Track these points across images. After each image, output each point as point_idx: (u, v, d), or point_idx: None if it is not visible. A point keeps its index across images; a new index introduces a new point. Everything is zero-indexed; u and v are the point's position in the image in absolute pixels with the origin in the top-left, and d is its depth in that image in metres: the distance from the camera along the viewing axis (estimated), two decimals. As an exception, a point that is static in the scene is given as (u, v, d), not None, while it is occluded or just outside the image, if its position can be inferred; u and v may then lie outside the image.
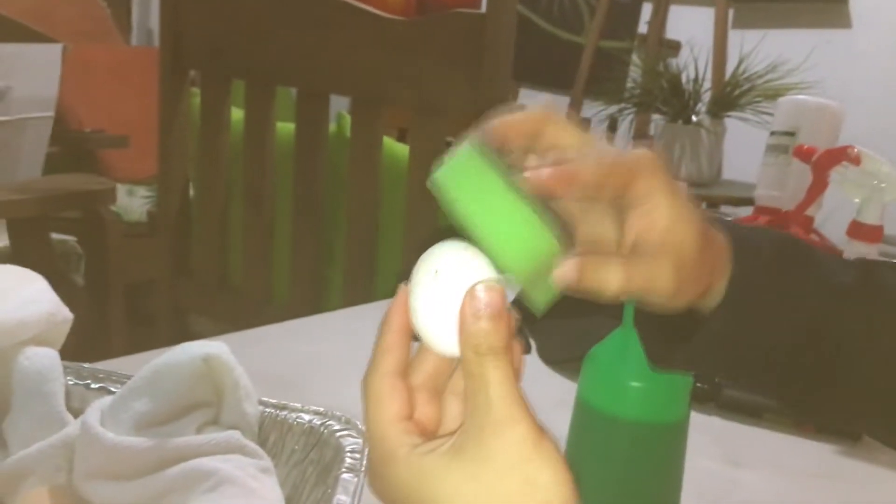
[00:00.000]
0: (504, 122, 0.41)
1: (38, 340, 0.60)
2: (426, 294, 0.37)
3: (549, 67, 3.34)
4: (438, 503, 0.36)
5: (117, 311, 1.80)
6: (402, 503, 0.37)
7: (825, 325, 0.46)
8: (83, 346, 0.74)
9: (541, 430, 0.36)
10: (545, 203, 0.39)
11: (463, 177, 0.38)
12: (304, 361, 0.86)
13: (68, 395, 0.59)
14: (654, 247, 0.41)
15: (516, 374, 0.37)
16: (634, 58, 2.62)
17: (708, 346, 0.46)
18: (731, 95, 2.21)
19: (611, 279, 0.39)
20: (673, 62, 2.36)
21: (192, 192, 1.66)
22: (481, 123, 0.41)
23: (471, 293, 0.36)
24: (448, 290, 0.37)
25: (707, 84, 2.31)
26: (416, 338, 0.39)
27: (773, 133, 1.12)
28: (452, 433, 0.38)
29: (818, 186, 0.94)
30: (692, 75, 2.24)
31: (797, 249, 0.48)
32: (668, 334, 0.46)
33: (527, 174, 0.38)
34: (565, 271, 0.39)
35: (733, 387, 0.86)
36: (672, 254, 0.41)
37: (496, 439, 0.35)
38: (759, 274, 0.46)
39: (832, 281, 0.47)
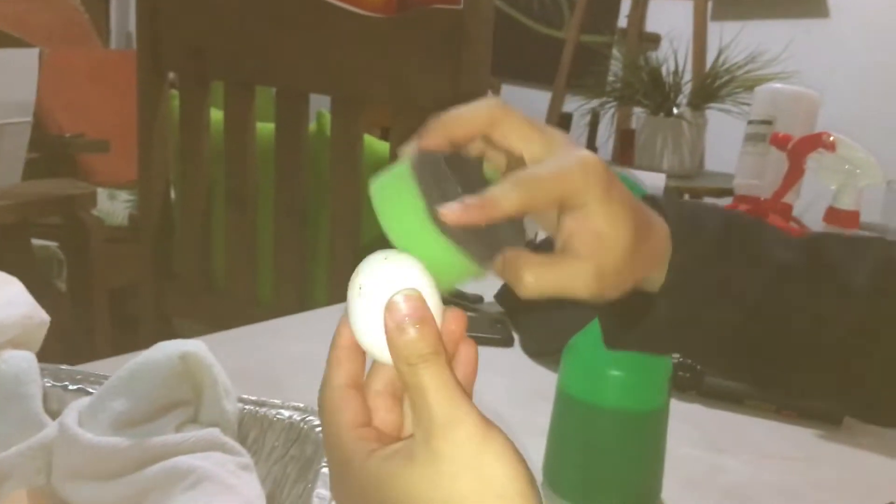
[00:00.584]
0: (447, 125, 0.42)
1: (16, 343, 0.60)
2: (355, 310, 0.38)
3: (531, 62, 3.34)
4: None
5: (101, 315, 1.80)
6: None
7: (767, 304, 0.47)
8: (67, 351, 0.74)
9: (487, 425, 0.36)
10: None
11: (390, 195, 0.39)
12: (285, 360, 0.86)
13: (46, 396, 0.59)
14: (578, 251, 0.42)
15: (472, 363, 0.39)
16: (615, 52, 2.63)
17: (656, 329, 0.47)
18: (711, 87, 2.23)
19: (524, 279, 0.41)
20: (653, 55, 2.37)
21: (173, 195, 1.65)
22: (425, 127, 0.41)
23: (389, 307, 0.36)
24: (372, 304, 0.37)
25: (687, 76, 2.32)
26: None
27: (750, 122, 1.13)
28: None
29: (795, 173, 0.95)
30: (672, 68, 2.25)
31: (741, 229, 0.48)
32: (620, 316, 0.47)
33: (442, 211, 0.38)
34: (493, 265, 0.41)
35: (714, 374, 0.87)
36: (595, 258, 0.42)
37: (443, 443, 0.35)
38: (699, 258, 0.46)
39: (774, 259, 0.47)
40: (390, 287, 0.37)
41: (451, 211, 0.38)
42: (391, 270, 0.38)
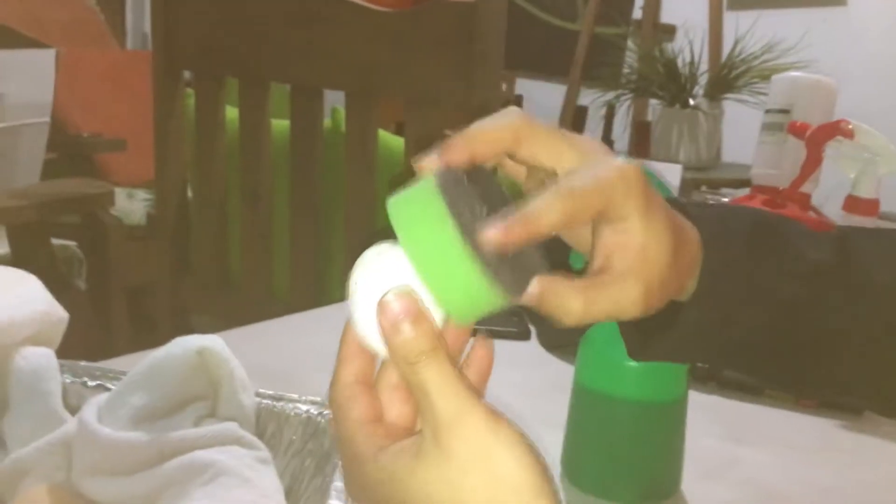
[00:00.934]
0: (470, 140, 0.39)
1: (34, 340, 0.60)
2: (354, 307, 0.37)
3: (545, 55, 3.33)
4: (411, 500, 0.36)
5: (120, 313, 1.81)
6: (380, 503, 0.37)
7: (801, 307, 0.46)
8: (87, 348, 0.74)
9: (495, 417, 0.35)
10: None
11: (413, 214, 0.36)
12: (302, 355, 0.86)
13: (65, 393, 0.59)
14: (623, 270, 0.40)
15: (488, 356, 0.38)
16: (630, 43, 2.61)
17: (684, 337, 0.46)
18: (727, 77, 2.20)
19: (571, 307, 0.38)
20: (668, 46, 2.35)
21: (189, 193, 1.66)
22: (447, 141, 0.39)
23: (381, 307, 0.35)
24: (368, 303, 0.36)
25: (703, 67, 2.30)
26: None
27: (767, 111, 1.12)
28: None
29: (812, 162, 0.94)
30: (688, 59, 2.23)
31: (769, 229, 0.47)
32: (644, 326, 0.45)
33: (484, 233, 0.35)
34: (527, 296, 0.38)
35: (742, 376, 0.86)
36: (642, 275, 0.40)
37: (451, 439, 0.35)
38: (730, 261, 0.45)
39: (806, 260, 0.46)
40: (384, 284, 0.36)
41: (492, 231, 0.35)
42: (384, 266, 0.37)
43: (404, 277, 0.36)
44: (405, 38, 1.31)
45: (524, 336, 1.00)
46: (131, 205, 2.38)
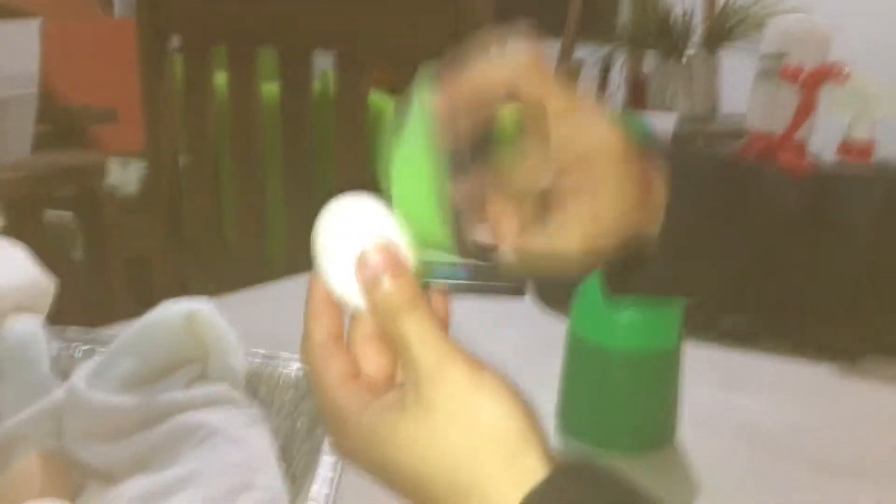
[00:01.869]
0: (472, 77, 0.40)
1: (22, 308, 0.60)
2: (325, 263, 0.36)
3: (538, 12, 3.28)
4: (397, 458, 0.35)
5: (118, 284, 1.81)
6: (367, 462, 0.37)
7: (767, 248, 0.46)
8: (89, 320, 0.74)
9: (477, 366, 0.35)
10: None
11: (408, 152, 0.37)
12: (295, 318, 0.86)
13: (55, 359, 0.59)
14: (572, 208, 0.41)
15: (444, 308, 0.38)
16: (623, -3, 2.58)
17: (656, 278, 0.46)
18: (722, 28, 2.18)
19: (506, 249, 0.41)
20: (663, -1, 2.32)
21: (181, 161, 1.65)
22: (449, 72, 0.40)
23: (361, 261, 0.35)
24: (343, 255, 0.36)
25: (698, 18, 2.27)
26: None
27: (762, 57, 1.10)
28: None
29: (806, 107, 0.93)
30: (682, 10, 2.20)
31: (739, 172, 0.47)
32: (619, 264, 0.45)
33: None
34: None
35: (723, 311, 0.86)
36: (587, 220, 0.41)
37: (432, 391, 0.34)
38: (697, 199, 0.45)
39: (775, 200, 0.46)
40: (361, 236, 0.35)
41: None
42: (361, 218, 0.36)
43: (382, 229, 0.36)
44: (392, -3, 1.29)
45: (520, 291, 0.99)
46: (125, 175, 2.36)
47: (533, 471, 0.34)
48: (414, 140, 0.37)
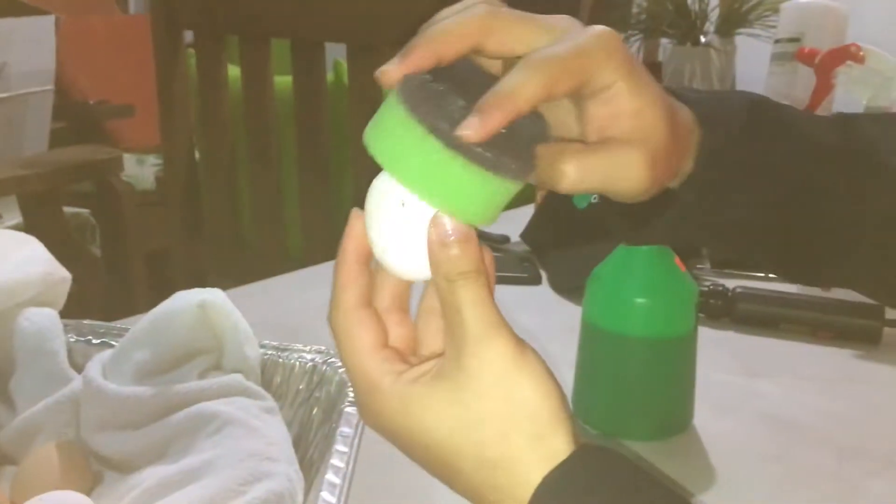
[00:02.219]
0: (433, 41, 0.35)
1: (38, 301, 0.60)
2: (389, 224, 0.36)
3: (552, 2, 3.27)
4: (426, 429, 0.35)
5: (139, 278, 1.82)
6: (394, 432, 0.37)
7: (801, 184, 0.44)
8: (108, 315, 0.74)
9: (521, 345, 0.35)
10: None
11: (389, 139, 0.35)
12: (310, 307, 0.86)
13: (71, 351, 0.59)
14: (621, 136, 0.37)
15: (490, 290, 0.37)
16: (638, -18, 2.55)
17: (679, 219, 0.44)
18: (738, 11, 2.15)
19: (565, 170, 0.36)
20: (678, -17, 2.30)
21: (197, 155, 1.66)
22: (407, 46, 0.35)
23: (435, 221, 0.35)
24: (413, 219, 0.35)
25: (713, 2, 2.25)
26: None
27: (777, 41, 1.09)
28: (434, 354, 0.38)
29: (823, 89, 0.92)
30: (697, -5, 2.18)
31: (770, 113, 0.45)
32: (637, 211, 0.43)
33: (460, 132, 0.33)
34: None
35: (747, 299, 0.85)
36: (643, 141, 0.37)
37: (474, 359, 0.34)
38: (729, 139, 0.43)
39: (809, 141, 0.44)
40: (404, 202, 0.35)
41: (469, 127, 0.33)
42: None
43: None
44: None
45: (535, 280, 0.99)
46: (142, 170, 2.38)
47: (557, 453, 0.34)
48: (393, 123, 0.35)
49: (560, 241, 0.98)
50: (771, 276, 0.96)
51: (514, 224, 1.06)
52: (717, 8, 2.24)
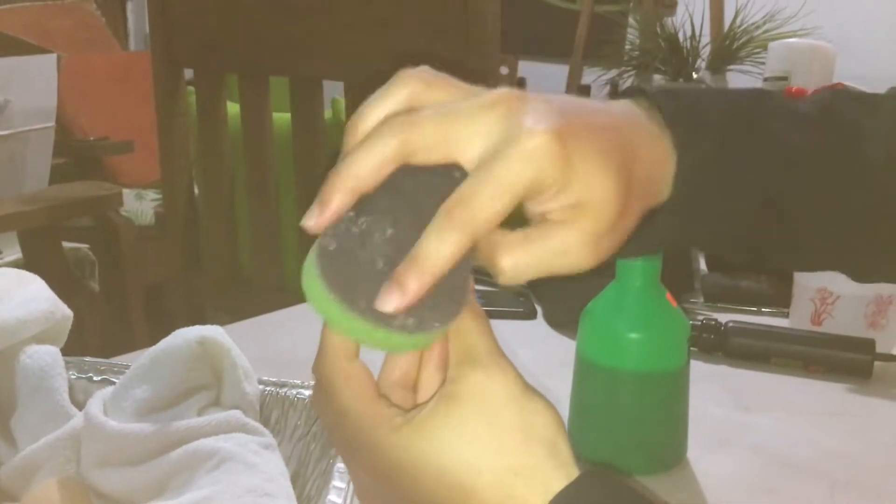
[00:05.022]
0: (347, 178, 0.35)
1: (40, 339, 0.61)
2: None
3: (546, 36, 3.31)
4: (441, 449, 0.35)
5: (137, 313, 1.83)
6: (398, 467, 0.36)
7: (779, 191, 0.45)
8: (107, 349, 0.75)
9: (526, 383, 0.37)
10: None
11: (315, 301, 0.35)
12: (308, 343, 0.87)
13: (72, 388, 0.60)
14: (562, 218, 0.36)
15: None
16: (631, 20, 2.59)
17: (659, 238, 0.44)
18: (729, 49, 2.19)
19: (501, 265, 0.35)
20: (670, 21, 2.34)
21: (196, 191, 1.67)
22: (322, 192, 0.35)
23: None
24: None
25: (705, 40, 2.28)
26: None
27: (765, 80, 1.11)
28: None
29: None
30: (689, 32, 2.21)
31: (747, 115, 0.45)
32: None
33: (378, 308, 0.33)
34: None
35: (739, 333, 0.86)
36: (585, 221, 0.36)
37: (489, 379, 0.36)
38: (704, 163, 0.43)
39: (784, 147, 0.45)
40: None
41: (386, 302, 0.33)
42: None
43: None
44: (399, 23, 1.31)
45: (530, 315, 1.00)
46: (141, 205, 2.39)
47: (570, 462, 0.36)
48: (311, 283, 0.35)
49: (554, 276, 1.00)
50: (763, 310, 0.97)
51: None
52: (709, 45, 2.28)
